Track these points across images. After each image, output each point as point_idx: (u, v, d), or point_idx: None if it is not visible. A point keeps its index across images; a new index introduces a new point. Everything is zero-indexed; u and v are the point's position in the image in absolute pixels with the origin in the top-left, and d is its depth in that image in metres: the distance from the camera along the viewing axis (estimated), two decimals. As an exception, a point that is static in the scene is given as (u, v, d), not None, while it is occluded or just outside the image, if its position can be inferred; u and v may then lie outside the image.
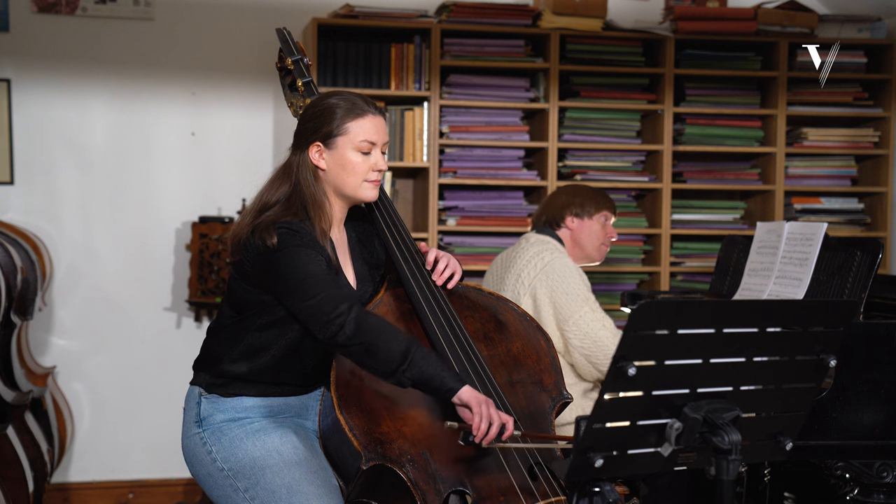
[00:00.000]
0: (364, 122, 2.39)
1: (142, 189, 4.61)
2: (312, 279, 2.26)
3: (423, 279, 2.48)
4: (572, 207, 3.46)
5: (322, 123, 2.39)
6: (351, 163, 2.39)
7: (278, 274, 2.30)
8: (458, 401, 2.21)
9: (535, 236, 3.46)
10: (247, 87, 4.63)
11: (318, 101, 2.45)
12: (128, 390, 4.61)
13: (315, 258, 2.30)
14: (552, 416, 2.46)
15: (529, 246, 3.40)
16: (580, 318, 3.21)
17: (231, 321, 2.43)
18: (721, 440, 1.80)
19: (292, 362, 2.40)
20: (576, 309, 3.22)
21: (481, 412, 2.18)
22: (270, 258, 2.30)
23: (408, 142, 4.47)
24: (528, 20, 4.53)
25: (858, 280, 3.01)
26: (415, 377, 2.20)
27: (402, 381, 2.22)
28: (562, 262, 3.30)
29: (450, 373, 2.23)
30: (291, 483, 2.29)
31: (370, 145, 2.40)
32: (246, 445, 2.36)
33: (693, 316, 1.79)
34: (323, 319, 2.23)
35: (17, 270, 3.85)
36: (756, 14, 4.63)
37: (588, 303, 3.24)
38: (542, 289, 3.27)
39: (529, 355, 2.51)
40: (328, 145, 2.39)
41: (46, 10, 4.48)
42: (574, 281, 3.26)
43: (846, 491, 2.90)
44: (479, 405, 2.19)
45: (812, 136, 4.77)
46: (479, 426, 2.17)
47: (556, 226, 3.47)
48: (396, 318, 2.45)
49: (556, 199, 3.51)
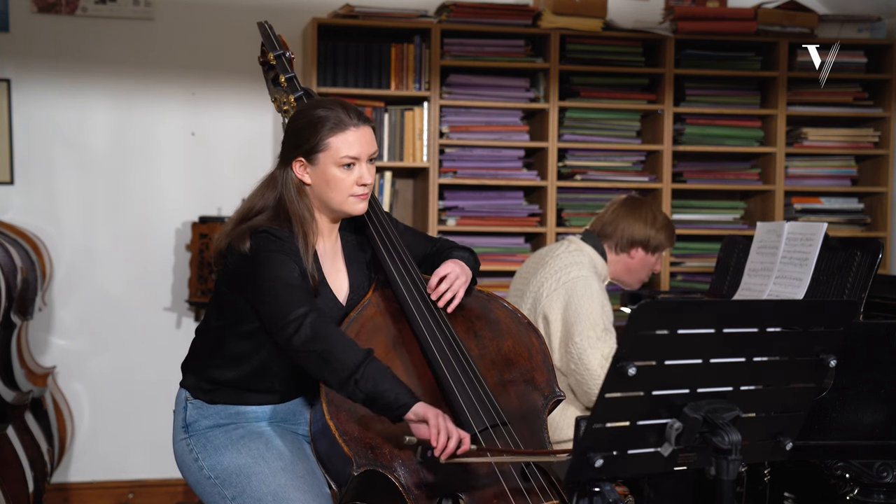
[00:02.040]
0: (346, 136, 2.32)
1: (142, 189, 4.61)
2: (280, 283, 2.23)
3: (411, 279, 2.45)
4: (649, 244, 3.29)
5: (303, 139, 2.34)
6: (334, 178, 2.33)
7: (249, 277, 2.28)
8: (413, 416, 2.13)
9: (575, 244, 3.30)
10: (247, 87, 4.62)
11: (301, 114, 2.39)
12: (128, 390, 4.61)
13: (288, 264, 2.27)
14: (545, 415, 2.44)
15: (564, 255, 3.25)
16: (582, 340, 3.07)
17: (215, 325, 2.41)
18: (721, 440, 1.80)
19: (277, 370, 2.38)
20: (582, 330, 3.08)
21: (438, 425, 2.11)
22: (245, 262, 2.29)
23: (408, 142, 4.47)
24: (528, 20, 4.53)
25: (858, 280, 3.01)
26: (368, 390, 2.13)
27: (355, 393, 2.15)
28: (585, 283, 3.15)
29: (404, 389, 2.15)
30: (277, 490, 2.27)
31: (353, 160, 2.33)
32: (231, 453, 2.34)
33: (693, 316, 1.79)
34: (280, 322, 2.20)
35: (17, 270, 3.85)
36: (756, 14, 4.63)
37: (596, 329, 3.08)
38: (556, 302, 3.16)
39: (521, 353, 2.49)
40: (311, 161, 2.34)
41: (46, 10, 4.48)
42: (592, 304, 3.11)
43: (846, 491, 2.90)
44: (437, 418, 2.11)
45: (812, 136, 4.77)
46: (439, 439, 2.10)
47: (617, 249, 3.30)
48: (385, 318, 2.42)
49: (631, 226, 3.30)
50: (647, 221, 3.31)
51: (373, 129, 2.39)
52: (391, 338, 2.40)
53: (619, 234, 3.30)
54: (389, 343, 2.40)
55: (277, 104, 2.70)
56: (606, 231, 3.32)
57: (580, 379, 3.08)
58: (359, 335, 2.36)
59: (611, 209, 3.38)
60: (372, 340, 2.37)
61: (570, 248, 3.29)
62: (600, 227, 3.35)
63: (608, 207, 3.41)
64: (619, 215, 3.34)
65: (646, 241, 3.30)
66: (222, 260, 2.36)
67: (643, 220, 3.32)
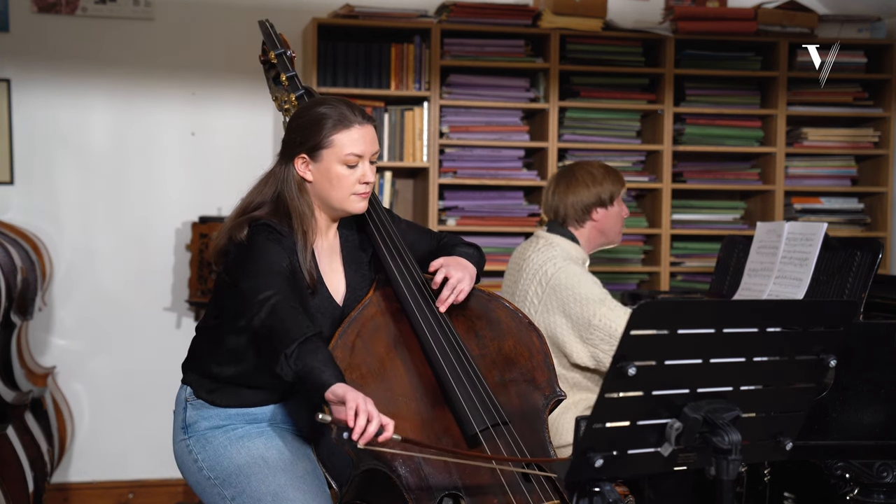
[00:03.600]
0: (351, 133, 2.33)
1: (142, 189, 4.61)
2: (262, 269, 2.22)
3: (412, 278, 2.45)
4: (601, 199, 3.24)
5: (308, 135, 2.34)
6: (337, 176, 2.34)
7: (239, 263, 2.28)
8: (332, 396, 2.04)
9: (544, 238, 3.28)
10: (247, 87, 4.62)
11: (305, 111, 2.39)
12: (128, 390, 4.61)
13: (279, 255, 2.27)
14: (545, 415, 2.44)
15: (535, 255, 3.23)
16: (599, 320, 3.04)
17: (214, 323, 2.42)
18: (721, 440, 1.80)
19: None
20: (593, 312, 3.05)
21: (357, 407, 2.00)
22: (239, 251, 2.29)
23: (408, 142, 4.47)
24: (528, 20, 4.53)
25: (858, 280, 3.01)
26: (297, 368, 2.07)
27: (286, 370, 2.08)
28: (565, 273, 3.13)
29: (332, 369, 2.08)
30: (277, 490, 2.27)
31: (357, 158, 2.34)
32: (230, 453, 2.34)
33: (693, 316, 1.79)
34: (248, 303, 2.19)
35: (17, 270, 3.85)
36: (756, 14, 4.63)
37: (604, 303, 3.05)
38: (552, 307, 3.14)
39: (521, 353, 2.49)
40: (314, 157, 2.34)
41: (46, 10, 4.48)
42: (583, 286, 3.09)
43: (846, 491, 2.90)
44: (356, 401, 2.01)
45: (812, 136, 4.77)
46: (357, 422, 1.98)
47: (578, 223, 3.26)
48: (386, 318, 2.42)
49: (575, 196, 3.25)
50: (587, 182, 3.25)
51: (375, 129, 2.40)
52: (392, 337, 2.41)
53: (572, 209, 3.25)
54: (390, 342, 2.40)
55: (278, 103, 2.70)
56: (560, 213, 3.28)
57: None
58: (360, 335, 2.36)
59: (550, 191, 3.33)
60: (373, 340, 2.37)
61: (539, 246, 3.25)
62: (554, 213, 3.30)
63: (547, 190, 3.35)
64: (559, 192, 3.29)
65: (598, 200, 3.25)
66: (223, 258, 2.36)
67: (582, 184, 3.26)
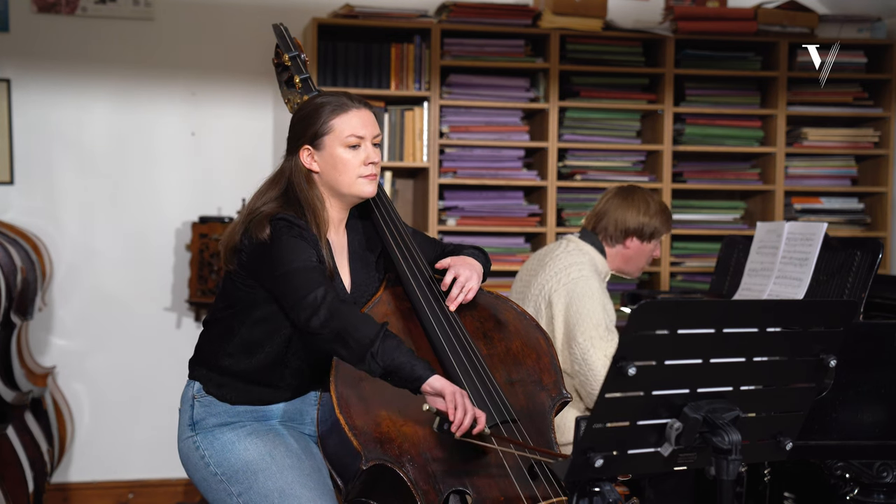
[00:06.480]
0: (348, 116, 2.37)
1: (142, 189, 4.61)
2: (299, 266, 2.25)
3: (423, 277, 2.47)
4: (643, 231, 3.25)
5: (308, 125, 2.38)
6: (342, 160, 2.37)
7: (269, 261, 2.29)
8: (429, 389, 2.17)
9: (574, 243, 3.28)
10: (247, 87, 4.63)
11: (305, 105, 2.44)
12: (128, 390, 4.61)
13: (307, 250, 2.29)
14: (552, 416, 2.45)
15: (563, 255, 3.23)
16: (585, 341, 3.06)
17: (225, 314, 2.41)
18: (721, 440, 1.80)
19: (291, 360, 2.38)
20: (585, 331, 3.06)
21: (455, 401, 2.15)
22: (263, 249, 2.30)
23: (408, 142, 4.47)
24: (528, 20, 4.53)
25: (858, 280, 3.01)
26: (385, 364, 2.17)
27: (373, 367, 2.18)
28: (586, 283, 3.13)
29: (421, 362, 2.19)
30: (284, 487, 2.27)
31: (358, 139, 2.37)
32: (238, 449, 2.35)
33: (693, 316, 1.79)
34: (299, 303, 2.22)
35: (17, 270, 3.85)
36: (756, 14, 4.63)
37: (599, 329, 3.06)
38: (558, 304, 3.15)
39: (529, 354, 2.51)
40: (316, 146, 2.37)
41: (46, 10, 4.48)
42: (593, 303, 3.09)
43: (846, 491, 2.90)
44: (454, 394, 2.15)
45: (812, 136, 4.77)
46: (456, 414, 2.14)
47: (611, 241, 3.26)
48: (396, 316, 2.44)
49: (623, 214, 3.26)
50: (640, 209, 3.26)
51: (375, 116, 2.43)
52: (402, 335, 2.42)
53: (613, 226, 3.26)
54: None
55: (290, 105, 2.73)
56: (600, 223, 3.28)
57: (584, 380, 3.07)
58: None
59: (604, 199, 3.35)
60: None
61: (570, 248, 3.26)
62: (595, 221, 3.31)
63: (602, 198, 3.37)
64: (611, 205, 3.30)
65: (640, 230, 3.26)
66: (236, 256, 2.35)
67: (635, 208, 3.27)
